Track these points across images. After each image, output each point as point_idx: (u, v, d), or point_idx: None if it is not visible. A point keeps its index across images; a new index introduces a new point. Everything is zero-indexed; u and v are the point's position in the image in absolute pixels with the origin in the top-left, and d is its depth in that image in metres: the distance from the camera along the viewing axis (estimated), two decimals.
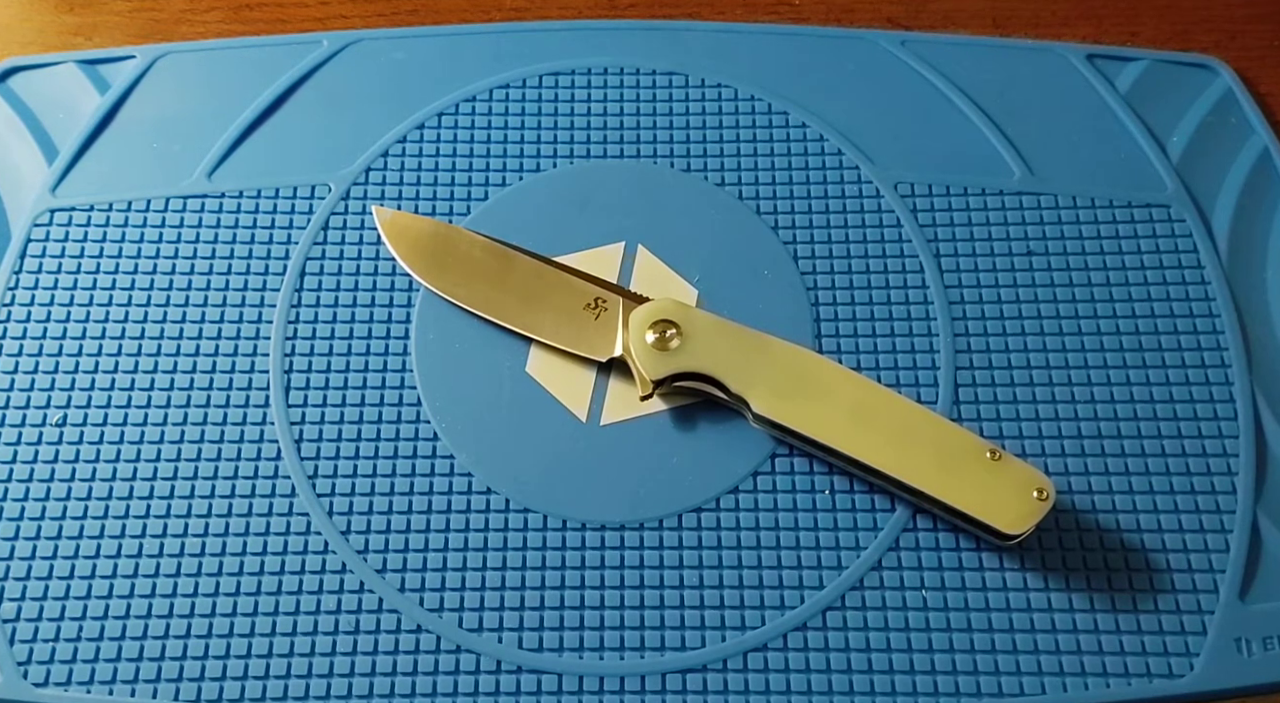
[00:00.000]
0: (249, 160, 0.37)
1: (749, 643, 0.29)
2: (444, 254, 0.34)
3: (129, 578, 0.30)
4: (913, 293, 0.35)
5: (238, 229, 0.36)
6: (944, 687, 0.29)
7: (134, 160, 0.37)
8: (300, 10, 0.42)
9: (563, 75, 0.39)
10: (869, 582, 0.30)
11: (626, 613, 0.30)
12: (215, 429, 0.32)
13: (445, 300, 0.34)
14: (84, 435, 0.32)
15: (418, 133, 0.37)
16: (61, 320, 0.34)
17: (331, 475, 0.32)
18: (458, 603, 0.30)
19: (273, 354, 0.33)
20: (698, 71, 0.39)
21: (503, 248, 0.34)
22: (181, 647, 0.29)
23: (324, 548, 0.31)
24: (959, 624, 0.30)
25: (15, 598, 0.30)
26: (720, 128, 0.38)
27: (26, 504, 0.31)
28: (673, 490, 0.31)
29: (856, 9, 0.42)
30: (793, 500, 0.31)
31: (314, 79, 0.39)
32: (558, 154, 0.37)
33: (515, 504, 0.31)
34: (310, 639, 0.29)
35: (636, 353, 0.31)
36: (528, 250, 0.34)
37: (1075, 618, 0.30)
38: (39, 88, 0.39)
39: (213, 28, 0.41)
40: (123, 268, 0.35)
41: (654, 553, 0.31)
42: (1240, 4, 0.42)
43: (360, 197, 0.36)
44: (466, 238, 0.35)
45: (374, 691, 0.29)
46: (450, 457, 0.32)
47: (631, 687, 0.29)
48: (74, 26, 0.41)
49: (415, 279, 0.34)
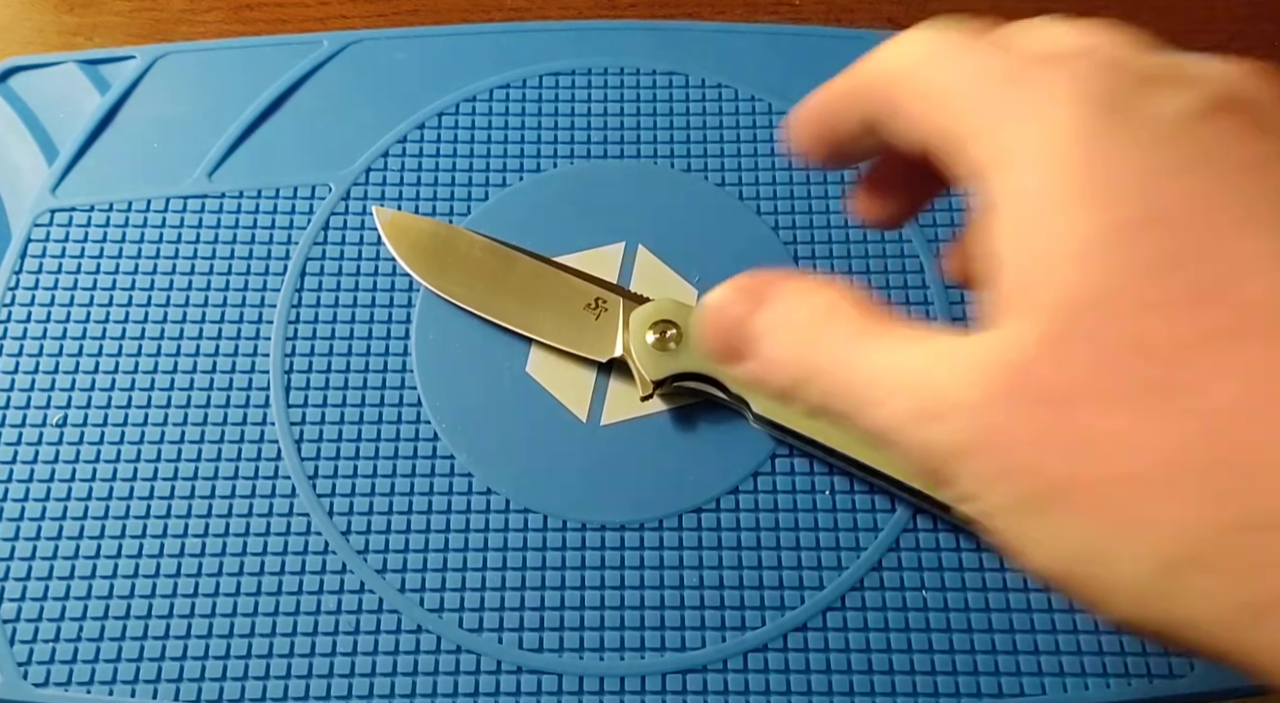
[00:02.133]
0: (249, 160, 0.37)
1: (749, 643, 0.29)
2: (444, 254, 0.34)
3: (129, 578, 0.30)
4: (913, 293, 0.35)
5: (238, 229, 0.36)
6: (944, 687, 0.29)
7: (134, 160, 0.37)
8: (300, 10, 0.42)
9: (563, 75, 0.39)
10: (869, 582, 0.30)
11: (626, 613, 0.30)
12: (215, 429, 0.32)
13: (445, 301, 0.34)
14: (84, 435, 0.32)
15: (418, 133, 0.37)
16: (61, 320, 0.34)
17: (331, 476, 0.32)
18: (458, 603, 0.30)
19: (273, 354, 0.33)
20: (698, 71, 0.39)
21: (503, 248, 0.34)
22: (181, 647, 0.29)
23: (324, 548, 0.31)
24: (959, 624, 0.30)
25: (15, 598, 0.30)
26: (720, 128, 0.38)
27: (26, 504, 0.31)
28: (673, 490, 0.31)
29: (856, 9, 0.42)
30: (793, 501, 0.31)
31: (314, 79, 0.39)
32: (558, 154, 0.37)
33: (515, 504, 0.31)
34: (310, 639, 0.29)
35: (637, 353, 0.31)
36: (528, 250, 0.34)
37: (1075, 618, 0.30)
38: (39, 88, 0.39)
39: (213, 28, 0.41)
40: (123, 268, 0.35)
41: (654, 553, 0.31)
42: (1240, 4, 0.42)
43: (360, 197, 0.36)
44: (467, 238, 0.35)
45: (374, 691, 0.29)
46: (450, 457, 0.32)
47: (631, 687, 0.29)
48: (74, 26, 0.41)
49: (415, 279, 0.34)
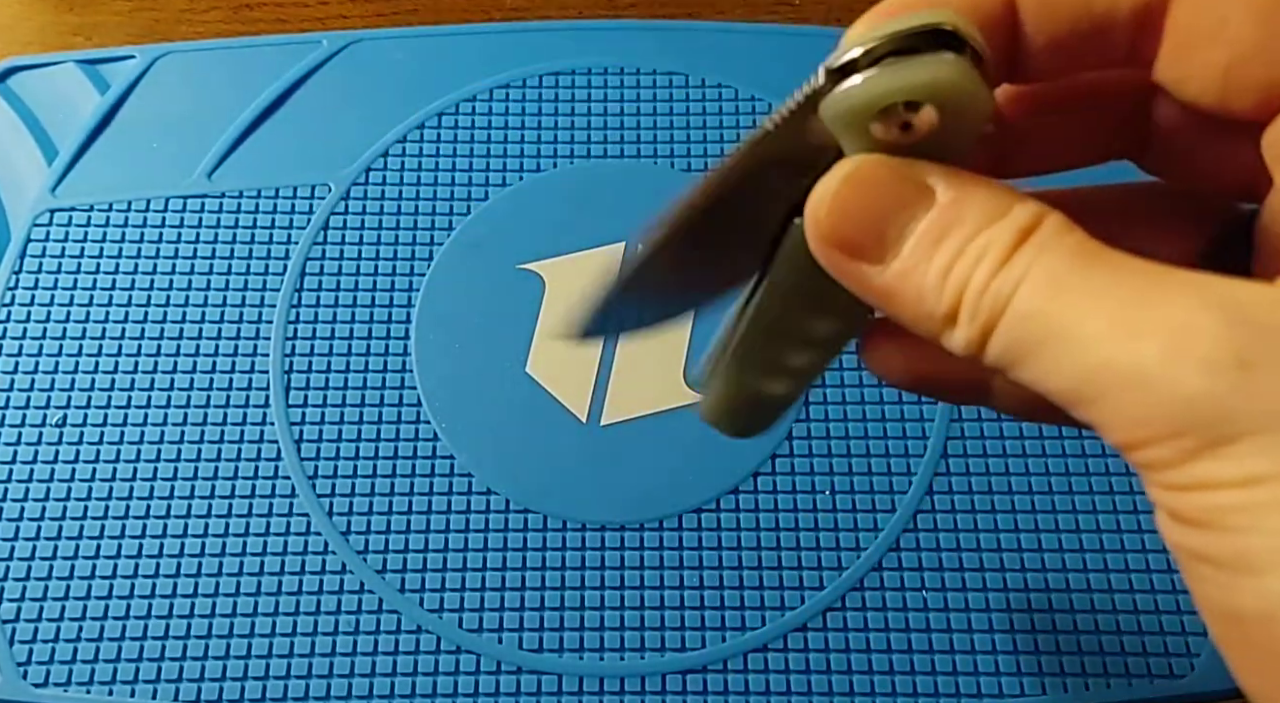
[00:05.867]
0: (249, 160, 0.37)
1: (749, 643, 0.29)
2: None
3: (129, 578, 0.30)
4: None
5: (238, 229, 0.36)
6: (944, 687, 0.29)
7: (134, 160, 0.37)
8: (300, 10, 0.42)
9: (563, 75, 0.39)
10: (869, 582, 0.30)
11: (626, 613, 0.30)
12: (215, 429, 0.32)
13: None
14: (84, 435, 0.32)
15: (418, 133, 0.37)
16: (61, 320, 0.34)
17: (331, 476, 0.32)
18: (458, 603, 0.30)
19: (273, 354, 0.33)
20: (698, 71, 0.39)
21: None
22: (181, 647, 0.29)
23: (324, 548, 0.31)
24: (959, 624, 0.30)
25: (15, 598, 0.30)
26: (720, 128, 0.38)
27: (26, 504, 0.31)
28: (673, 490, 0.31)
29: (856, 9, 0.42)
30: (793, 501, 0.31)
31: (314, 79, 0.39)
32: (558, 154, 0.37)
33: (515, 504, 0.31)
34: (310, 639, 0.29)
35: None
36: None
37: (1075, 618, 0.30)
38: (39, 88, 0.39)
39: (213, 28, 0.41)
40: (123, 268, 0.35)
41: (654, 553, 0.31)
42: None
43: (360, 197, 0.36)
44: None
45: (374, 691, 0.29)
46: (450, 457, 0.32)
47: (631, 687, 0.29)
48: (74, 26, 0.41)
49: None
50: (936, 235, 0.14)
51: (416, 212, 0.36)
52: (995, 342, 0.13)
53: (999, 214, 0.13)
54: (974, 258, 0.13)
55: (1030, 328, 0.13)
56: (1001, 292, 0.13)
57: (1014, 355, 0.13)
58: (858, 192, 0.14)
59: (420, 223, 0.36)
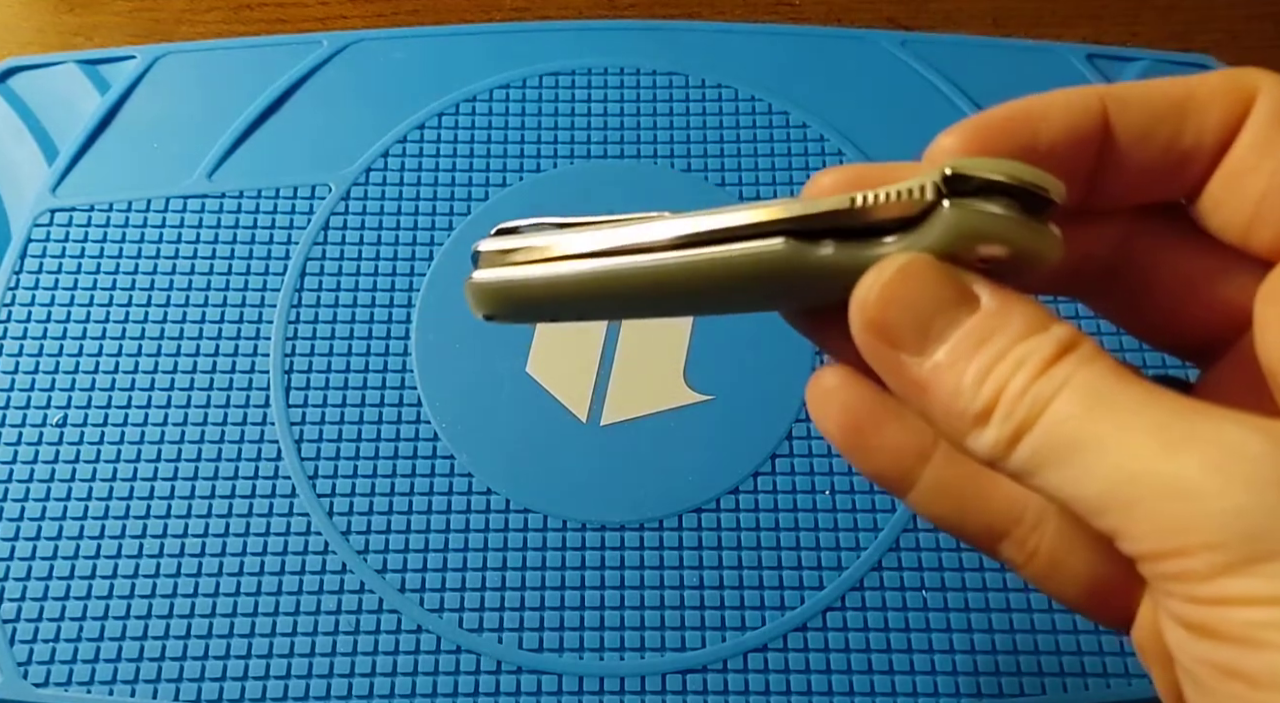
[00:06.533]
0: (249, 160, 0.37)
1: (749, 643, 0.29)
2: None
3: (129, 578, 0.30)
4: None
5: (238, 229, 0.36)
6: (944, 687, 0.29)
7: (134, 160, 0.37)
8: (300, 10, 0.42)
9: (563, 75, 0.39)
10: (869, 582, 0.30)
11: (626, 613, 0.30)
12: (215, 429, 0.32)
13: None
14: (84, 435, 0.32)
15: (418, 133, 0.37)
16: (61, 320, 0.34)
17: (331, 476, 0.32)
18: (458, 603, 0.30)
19: (273, 354, 0.33)
20: (698, 71, 0.39)
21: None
22: (181, 647, 0.29)
23: (324, 548, 0.31)
24: (959, 624, 0.30)
25: (15, 598, 0.30)
26: (720, 128, 0.38)
27: (26, 504, 0.31)
28: (673, 490, 0.31)
29: (856, 9, 0.42)
30: (793, 501, 0.31)
31: (314, 79, 0.39)
32: (558, 154, 0.37)
33: (515, 504, 0.31)
34: (310, 639, 0.29)
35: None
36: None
37: (1075, 618, 0.30)
38: (39, 88, 0.39)
39: (213, 28, 0.41)
40: (123, 268, 0.35)
41: (654, 553, 0.31)
42: (1240, 4, 0.42)
43: (360, 197, 0.36)
44: None
45: (374, 691, 0.29)
46: (450, 457, 0.32)
47: (631, 687, 0.29)
48: (74, 26, 0.41)
49: None
50: (980, 337, 0.14)
51: (416, 212, 0.36)
52: (1025, 444, 0.13)
53: (1040, 327, 0.14)
54: (1014, 363, 0.14)
55: (1065, 433, 0.13)
56: (1040, 395, 0.13)
57: (1041, 459, 0.13)
58: (908, 284, 0.14)
59: (420, 223, 0.36)
